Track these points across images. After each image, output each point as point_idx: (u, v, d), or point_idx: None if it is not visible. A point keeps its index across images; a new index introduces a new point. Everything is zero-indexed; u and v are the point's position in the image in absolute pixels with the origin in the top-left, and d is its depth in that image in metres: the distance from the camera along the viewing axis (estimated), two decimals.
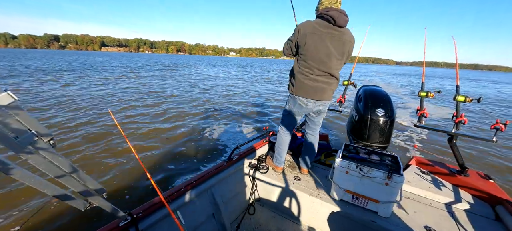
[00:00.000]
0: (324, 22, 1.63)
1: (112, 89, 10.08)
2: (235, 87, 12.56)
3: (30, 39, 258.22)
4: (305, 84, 1.75)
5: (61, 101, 7.34)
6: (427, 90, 2.05)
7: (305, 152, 2.11)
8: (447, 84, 23.78)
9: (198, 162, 3.79)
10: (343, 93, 2.44)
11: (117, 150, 4.03)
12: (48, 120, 5.45)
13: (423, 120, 2.02)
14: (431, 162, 2.18)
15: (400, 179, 1.47)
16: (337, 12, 1.59)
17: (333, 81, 1.79)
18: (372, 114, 2.22)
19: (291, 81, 1.88)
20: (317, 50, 1.65)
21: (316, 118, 1.98)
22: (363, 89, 2.45)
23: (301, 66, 1.74)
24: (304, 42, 1.65)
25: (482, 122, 7.61)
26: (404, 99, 11.55)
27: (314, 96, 1.77)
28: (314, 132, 2.07)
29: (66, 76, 13.90)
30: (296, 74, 1.78)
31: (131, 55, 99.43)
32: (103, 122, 5.43)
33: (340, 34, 1.65)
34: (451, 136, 1.87)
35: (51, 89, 9.44)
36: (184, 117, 6.39)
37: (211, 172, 1.84)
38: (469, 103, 1.79)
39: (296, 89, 1.81)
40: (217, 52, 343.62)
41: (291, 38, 1.76)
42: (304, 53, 1.69)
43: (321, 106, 1.86)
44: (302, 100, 1.81)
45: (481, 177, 1.92)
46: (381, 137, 2.21)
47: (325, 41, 1.64)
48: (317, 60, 1.68)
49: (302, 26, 1.67)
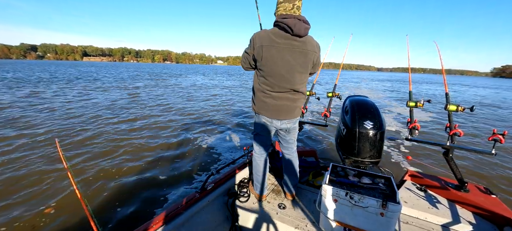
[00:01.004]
0: (280, 32, 1.40)
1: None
2: (217, 98, 12.21)
3: (4, 49, 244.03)
4: (266, 103, 1.53)
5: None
6: (415, 100, 1.90)
7: (287, 174, 1.87)
8: (425, 89, 24.75)
9: (163, 196, 3.04)
10: (328, 106, 2.25)
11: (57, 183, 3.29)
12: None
13: (416, 132, 1.85)
14: (427, 176, 2.01)
15: (396, 208, 1.25)
16: (294, 20, 1.36)
17: (299, 97, 1.58)
18: (360, 128, 2.04)
19: (253, 98, 1.66)
20: (276, 65, 1.42)
21: (287, 136, 1.76)
22: (350, 100, 2.27)
23: (260, 83, 1.53)
24: (261, 56, 1.43)
25: (474, 126, 7.43)
26: (392, 105, 11.75)
27: (278, 116, 1.56)
28: (290, 151, 1.84)
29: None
30: (257, 92, 1.56)
31: (113, 64, 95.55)
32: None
33: (301, 44, 1.43)
34: (447, 149, 1.70)
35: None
36: (140, 149, 4.66)
37: (180, 207, 1.54)
38: (462, 112, 1.64)
39: (258, 108, 1.60)
40: (205, 60, 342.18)
41: (248, 51, 1.52)
42: (263, 69, 1.47)
43: (288, 124, 1.64)
44: (266, 119, 1.59)
45: (482, 192, 1.76)
46: (372, 151, 2.04)
47: (284, 55, 1.41)
48: (277, 77, 1.45)
49: (258, 37, 1.44)
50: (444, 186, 1.83)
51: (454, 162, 1.72)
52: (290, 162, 1.84)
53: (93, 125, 6.12)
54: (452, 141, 1.66)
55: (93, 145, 4.67)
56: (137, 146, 4.67)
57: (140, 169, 3.78)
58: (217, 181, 1.95)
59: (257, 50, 1.45)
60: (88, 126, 6.01)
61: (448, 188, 1.80)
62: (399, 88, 23.90)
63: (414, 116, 1.88)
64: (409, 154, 4.63)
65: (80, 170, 3.64)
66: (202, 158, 4.26)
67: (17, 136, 5.03)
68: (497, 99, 16.62)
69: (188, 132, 5.78)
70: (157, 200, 2.96)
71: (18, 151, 4.22)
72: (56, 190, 3.10)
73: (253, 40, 1.47)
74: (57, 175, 3.43)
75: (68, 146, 4.55)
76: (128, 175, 3.57)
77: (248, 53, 1.53)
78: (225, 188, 2.00)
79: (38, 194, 3.00)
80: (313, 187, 2.09)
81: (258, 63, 1.49)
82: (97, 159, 4.02)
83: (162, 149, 4.60)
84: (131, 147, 4.62)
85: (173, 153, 4.43)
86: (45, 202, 2.84)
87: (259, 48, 1.43)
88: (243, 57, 1.59)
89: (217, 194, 1.89)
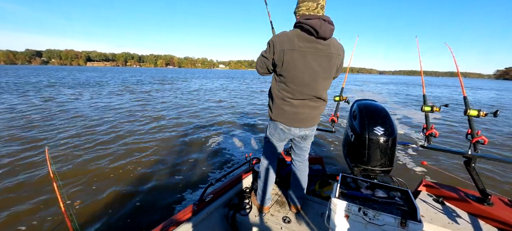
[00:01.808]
0: (304, 35, 1.27)
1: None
2: (220, 101, 12.12)
3: (10, 55, 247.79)
4: (286, 111, 1.41)
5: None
6: (431, 104, 1.76)
7: (294, 185, 1.73)
8: (429, 91, 24.43)
9: (158, 209, 2.87)
10: (335, 111, 2.12)
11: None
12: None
13: (432, 140, 1.70)
14: (444, 187, 1.85)
15: (417, 227, 1.11)
16: (319, 21, 1.23)
17: (321, 104, 1.46)
18: (370, 134, 1.90)
19: (270, 105, 1.53)
20: (299, 71, 1.30)
21: (302, 143, 1.63)
22: (357, 104, 2.13)
23: (280, 90, 1.40)
24: (282, 61, 1.30)
25: (498, 131, 6.80)
26: (400, 108, 11.55)
27: (298, 124, 1.44)
28: (302, 159, 1.71)
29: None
30: (275, 99, 1.43)
31: (117, 69, 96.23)
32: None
33: (326, 47, 1.30)
34: (468, 158, 1.55)
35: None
36: (139, 148, 4.73)
37: (174, 222, 1.41)
38: (484, 117, 1.50)
39: (275, 115, 1.47)
40: (207, 65, 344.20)
41: (265, 55, 1.39)
42: (283, 75, 1.34)
43: (307, 131, 1.52)
44: (284, 126, 1.46)
45: (507, 206, 1.60)
46: (383, 159, 1.89)
47: (308, 59, 1.29)
48: (299, 83, 1.33)
49: (278, 40, 1.30)
50: (464, 198, 1.67)
51: (476, 172, 1.57)
52: (300, 171, 1.72)
53: (77, 127, 6.06)
54: (475, 149, 1.51)
55: (82, 150, 4.58)
56: (131, 154, 4.47)
57: (134, 177, 3.61)
58: (217, 191, 1.82)
59: (277, 54, 1.31)
60: (70, 126, 5.98)
61: (469, 201, 1.64)
62: (403, 91, 23.76)
63: (430, 121, 1.73)
64: (423, 159, 4.30)
65: (63, 174, 3.56)
66: (202, 166, 4.07)
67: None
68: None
69: (187, 138, 5.64)
70: (151, 213, 2.81)
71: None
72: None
73: (272, 43, 1.33)
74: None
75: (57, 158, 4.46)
76: (121, 183, 3.41)
77: (266, 58, 1.39)
78: (225, 199, 1.87)
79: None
80: (320, 198, 1.95)
81: (278, 68, 1.36)
82: (85, 166, 3.90)
83: (157, 157, 4.38)
84: (124, 153, 4.48)
85: (169, 161, 4.22)
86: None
87: (280, 52, 1.29)
88: (260, 61, 1.44)
89: (217, 205, 1.76)
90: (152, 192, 3.25)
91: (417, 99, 16.00)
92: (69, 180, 3.41)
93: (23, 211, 2.75)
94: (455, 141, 6.00)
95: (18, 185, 3.26)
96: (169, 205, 2.97)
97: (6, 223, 2.56)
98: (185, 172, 3.83)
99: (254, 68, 2.02)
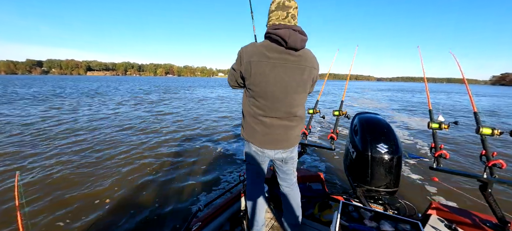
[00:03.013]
0: (272, 45, 1.17)
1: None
2: (218, 111, 11.96)
3: (10, 65, 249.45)
4: (257, 130, 1.27)
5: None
6: (439, 121, 1.61)
7: (287, 211, 1.56)
8: (424, 97, 24.26)
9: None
10: (335, 127, 1.97)
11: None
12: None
13: (442, 162, 1.54)
14: (457, 211, 1.68)
15: None
16: (288, 30, 1.12)
17: (297, 123, 1.31)
18: (373, 151, 1.75)
19: (242, 123, 1.39)
20: (268, 84, 1.18)
21: (284, 167, 1.47)
22: (359, 118, 1.99)
23: (251, 105, 1.27)
24: (249, 73, 1.18)
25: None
26: (402, 115, 11.34)
27: (271, 146, 1.29)
28: (289, 183, 1.54)
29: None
30: (246, 116, 1.30)
31: (118, 79, 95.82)
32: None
33: (297, 59, 1.19)
34: (484, 183, 1.39)
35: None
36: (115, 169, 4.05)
37: None
38: (498, 136, 1.34)
39: (247, 135, 1.33)
40: (206, 73, 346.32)
41: (234, 67, 1.28)
42: (252, 89, 1.22)
43: (284, 153, 1.36)
44: (256, 148, 1.32)
45: None
46: (388, 178, 1.74)
47: (278, 72, 1.17)
48: (270, 98, 1.20)
49: (245, 51, 1.20)
50: (479, 225, 1.50)
51: (493, 198, 1.40)
52: (290, 197, 1.54)
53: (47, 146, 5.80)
54: (491, 173, 1.35)
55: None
56: (112, 176, 3.95)
57: (113, 201, 3.17)
58: (206, 217, 1.64)
59: (244, 66, 1.20)
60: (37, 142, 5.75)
61: (486, 228, 1.47)
62: (402, 97, 23.77)
63: (439, 140, 1.57)
64: (433, 173, 3.91)
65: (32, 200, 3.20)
66: (190, 188, 3.56)
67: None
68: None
69: (170, 154, 5.08)
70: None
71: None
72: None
73: (240, 54, 1.23)
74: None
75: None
76: (99, 206, 3.02)
77: (235, 70, 1.29)
78: (215, 226, 1.69)
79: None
80: (320, 223, 1.77)
81: (247, 81, 1.23)
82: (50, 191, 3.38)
83: (139, 176, 3.88)
84: (106, 172, 4.01)
85: (153, 183, 3.68)
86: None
87: (247, 64, 1.18)
88: (230, 73, 1.34)
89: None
90: (128, 223, 2.79)
91: (419, 105, 15.90)
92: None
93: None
94: (467, 160, 5.21)
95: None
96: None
97: None
98: (172, 196, 3.36)
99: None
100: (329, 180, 3.88)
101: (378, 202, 1.96)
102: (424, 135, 7.23)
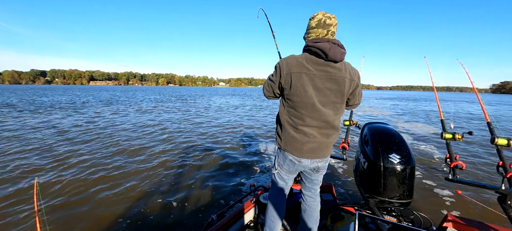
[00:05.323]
0: (313, 58, 1.22)
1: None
2: (224, 119, 11.94)
3: (14, 75, 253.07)
4: (296, 139, 1.29)
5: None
6: (453, 131, 1.60)
7: (304, 223, 1.54)
8: (423, 105, 24.23)
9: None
10: (346, 137, 1.96)
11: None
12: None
13: (458, 173, 1.53)
14: (475, 224, 1.64)
15: None
16: (328, 43, 1.18)
17: (333, 133, 1.33)
18: (385, 162, 1.74)
19: (278, 131, 1.40)
20: (307, 96, 1.21)
21: (314, 175, 1.47)
22: (369, 128, 1.99)
23: (290, 115, 1.29)
24: (290, 84, 1.23)
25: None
26: (412, 123, 11.27)
27: (309, 155, 1.30)
28: (313, 193, 1.54)
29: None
30: (284, 124, 1.32)
31: (121, 88, 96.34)
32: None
33: (337, 71, 1.23)
34: (503, 195, 1.37)
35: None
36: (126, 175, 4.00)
37: None
38: None
39: (284, 144, 1.34)
40: (207, 83, 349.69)
41: (272, 78, 1.33)
42: (292, 99, 1.25)
43: (319, 163, 1.37)
44: (293, 157, 1.32)
45: None
46: (401, 189, 1.72)
47: (317, 83, 1.21)
48: (309, 108, 1.24)
49: (285, 63, 1.24)
50: None
51: None
52: (311, 208, 1.53)
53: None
54: (510, 184, 1.33)
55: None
56: (115, 186, 3.82)
57: (121, 215, 3.03)
58: (218, 228, 1.62)
59: (284, 78, 1.25)
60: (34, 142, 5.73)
61: None
62: (404, 106, 23.78)
63: (453, 151, 1.57)
64: (457, 187, 3.66)
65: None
66: (202, 199, 3.48)
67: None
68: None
69: (184, 163, 5.05)
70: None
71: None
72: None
73: (279, 66, 1.27)
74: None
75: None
76: (107, 220, 2.85)
77: (273, 81, 1.33)
78: None
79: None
80: None
81: (286, 92, 1.27)
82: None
83: (146, 188, 3.77)
84: (111, 181, 3.92)
85: (161, 194, 3.58)
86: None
87: (287, 75, 1.23)
88: (267, 84, 1.39)
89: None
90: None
91: (425, 114, 15.84)
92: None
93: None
94: (481, 170, 4.90)
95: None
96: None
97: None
98: (184, 208, 3.25)
99: (254, 86, 1.95)
100: (337, 190, 3.81)
101: (391, 213, 1.93)
102: (436, 144, 7.14)
